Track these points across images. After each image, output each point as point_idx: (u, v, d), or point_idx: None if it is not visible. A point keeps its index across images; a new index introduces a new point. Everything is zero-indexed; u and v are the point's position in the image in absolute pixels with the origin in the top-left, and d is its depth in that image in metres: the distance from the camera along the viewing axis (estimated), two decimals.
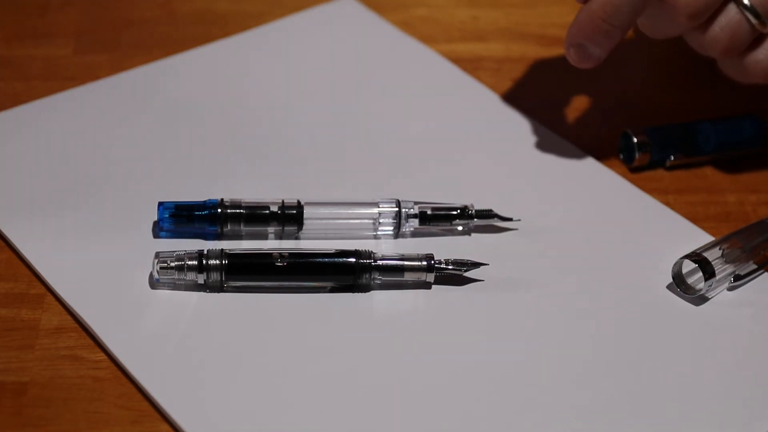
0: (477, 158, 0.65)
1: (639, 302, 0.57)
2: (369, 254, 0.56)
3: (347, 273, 0.56)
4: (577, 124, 0.68)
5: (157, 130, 0.65)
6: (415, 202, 0.59)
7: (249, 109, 0.67)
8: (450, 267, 0.56)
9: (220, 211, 0.58)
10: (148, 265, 0.56)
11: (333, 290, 0.56)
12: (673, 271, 0.57)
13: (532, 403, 0.52)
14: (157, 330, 0.54)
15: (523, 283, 0.57)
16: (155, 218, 0.58)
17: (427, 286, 0.56)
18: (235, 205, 0.58)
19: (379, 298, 0.56)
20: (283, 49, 0.71)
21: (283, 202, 0.58)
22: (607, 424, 0.51)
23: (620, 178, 0.64)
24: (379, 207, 0.59)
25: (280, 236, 0.59)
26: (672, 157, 0.65)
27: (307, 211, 0.58)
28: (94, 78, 0.68)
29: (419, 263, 0.56)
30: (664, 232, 0.61)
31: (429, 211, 0.59)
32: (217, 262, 0.55)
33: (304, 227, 0.58)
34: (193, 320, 0.54)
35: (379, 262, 0.56)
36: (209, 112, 0.66)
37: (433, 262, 0.56)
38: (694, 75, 0.71)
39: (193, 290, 0.55)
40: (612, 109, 0.69)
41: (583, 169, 0.64)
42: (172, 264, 0.55)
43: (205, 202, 0.58)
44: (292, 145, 0.64)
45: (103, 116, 0.65)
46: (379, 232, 0.59)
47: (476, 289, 0.57)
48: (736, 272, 0.57)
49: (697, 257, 0.56)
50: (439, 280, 0.57)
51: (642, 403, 0.52)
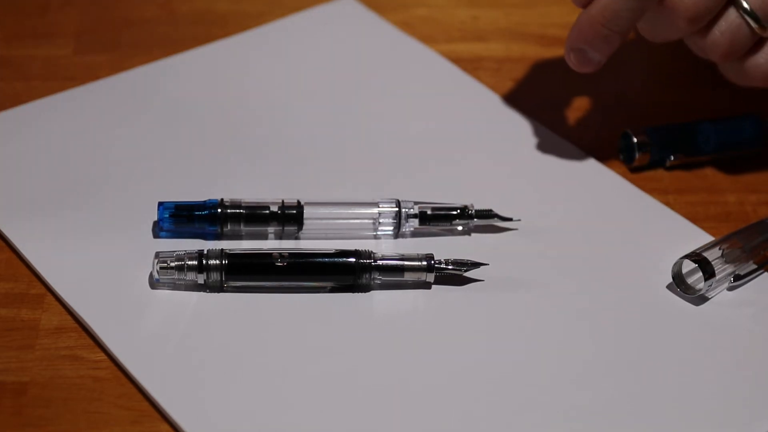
0: (477, 158, 0.64)
1: (639, 302, 0.57)
2: (369, 254, 0.56)
3: (347, 273, 0.56)
4: (576, 124, 0.68)
5: (157, 130, 0.65)
6: (415, 202, 0.59)
7: (249, 109, 0.67)
8: (450, 267, 0.56)
9: (220, 211, 0.58)
10: (148, 265, 0.56)
11: (333, 290, 0.56)
12: (673, 271, 0.57)
13: (532, 403, 0.52)
14: (157, 330, 0.54)
15: (523, 283, 0.57)
16: (155, 218, 0.58)
17: (427, 286, 0.56)
18: (235, 205, 0.58)
19: (379, 298, 0.56)
20: (283, 49, 0.71)
21: (283, 202, 0.58)
22: (607, 424, 0.51)
23: (620, 178, 0.64)
24: (379, 207, 0.59)
25: (280, 236, 0.59)
26: (672, 157, 0.65)
27: (307, 211, 0.58)
28: (94, 78, 0.68)
29: (419, 263, 0.56)
30: (664, 232, 0.61)
31: (429, 211, 0.59)
32: (217, 262, 0.55)
33: (304, 227, 0.58)
34: (193, 320, 0.54)
35: (379, 262, 0.56)
36: (209, 112, 0.66)
37: (433, 262, 0.56)
38: (694, 75, 0.71)
39: (193, 290, 0.55)
40: (612, 109, 0.69)
41: (583, 169, 0.64)
42: (172, 264, 0.55)
43: (205, 202, 0.58)
44: (292, 145, 0.64)
45: (103, 116, 0.65)
46: (379, 232, 0.59)
47: (476, 289, 0.57)
48: (736, 272, 0.57)
49: (697, 257, 0.56)
50: (439, 280, 0.57)
51: (642, 403, 0.52)
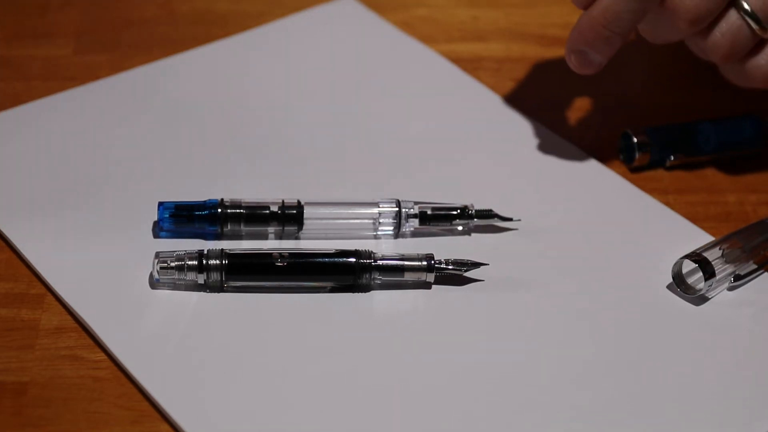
0: (477, 158, 0.64)
1: (639, 302, 0.57)
2: (369, 254, 0.56)
3: (347, 273, 0.56)
4: (577, 124, 0.68)
5: (157, 130, 0.65)
6: (415, 202, 0.59)
7: (249, 109, 0.67)
8: (450, 267, 0.56)
9: (220, 211, 0.58)
10: (148, 265, 0.56)
11: (333, 290, 0.56)
12: (673, 271, 0.57)
13: (532, 403, 0.52)
14: (157, 330, 0.54)
15: (523, 283, 0.57)
16: (155, 218, 0.58)
17: (427, 286, 0.56)
18: (235, 205, 0.58)
19: (379, 298, 0.56)
20: (283, 49, 0.71)
21: (283, 202, 0.58)
22: (607, 424, 0.51)
23: (620, 178, 0.64)
24: (379, 207, 0.59)
25: (280, 236, 0.59)
26: (672, 157, 0.65)
27: (307, 211, 0.58)
28: (94, 78, 0.68)
29: (419, 263, 0.56)
30: (664, 232, 0.61)
31: (429, 211, 0.59)
32: (217, 262, 0.55)
33: (304, 227, 0.58)
34: (193, 320, 0.54)
35: (379, 262, 0.56)
36: (209, 112, 0.66)
37: (433, 262, 0.56)
38: (694, 76, 0.71)
39: (193, 290, 0.55)
40: (612, 110, 0.69)
41: (583, 169, 0.64)
42: (172, 264, 0.55)
43: (205, 202, 0.58)
44: (292, 145, 0.64)
45: (103, 116, 0.65)
46: (379, 232, 0.59)
47: (476, 289, 0.57)
48: (736, 272, 0.57)
49: (697, 257, 0.56)
50: (439, 280, 0.57)
51: (642, 403, 0.52)
